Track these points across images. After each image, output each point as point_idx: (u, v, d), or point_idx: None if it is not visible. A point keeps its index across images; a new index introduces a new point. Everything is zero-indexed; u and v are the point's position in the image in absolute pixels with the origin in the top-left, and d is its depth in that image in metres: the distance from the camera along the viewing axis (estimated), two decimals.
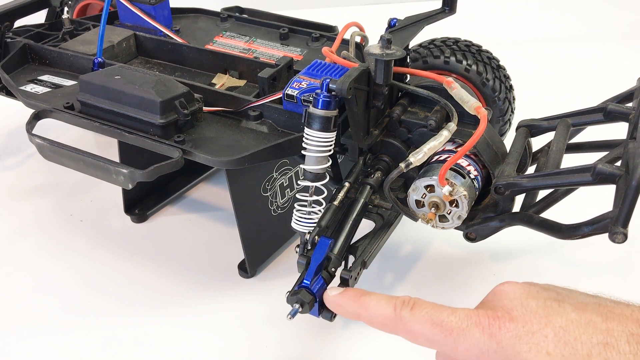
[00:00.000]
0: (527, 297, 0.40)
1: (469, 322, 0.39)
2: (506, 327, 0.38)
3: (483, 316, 0.39)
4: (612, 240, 0.51)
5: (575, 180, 0.55)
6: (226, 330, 0.69)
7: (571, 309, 0.38)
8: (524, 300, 0.40)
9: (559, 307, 0.39)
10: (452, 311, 0.41)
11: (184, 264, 0.79)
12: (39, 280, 0.77)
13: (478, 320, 0.39)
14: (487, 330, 0.38)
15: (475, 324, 0.39)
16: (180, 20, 0.99)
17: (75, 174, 0.78)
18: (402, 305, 0.43)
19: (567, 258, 0.77)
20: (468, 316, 0.40)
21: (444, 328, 0.40)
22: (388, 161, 0.65)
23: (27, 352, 0.67)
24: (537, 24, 1.46)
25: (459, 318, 0.40)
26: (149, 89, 0.67)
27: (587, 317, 0.37)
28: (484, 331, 0.39)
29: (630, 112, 0.63)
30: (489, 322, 0.39)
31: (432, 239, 0.81)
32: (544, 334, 0.37)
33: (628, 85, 0.69)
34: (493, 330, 0.38)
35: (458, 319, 0.40)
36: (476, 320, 0.39)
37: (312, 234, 0.56)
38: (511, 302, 0.40)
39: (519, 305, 0.39)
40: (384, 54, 0.59)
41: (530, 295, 0.40)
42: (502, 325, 0.38)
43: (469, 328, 0.39)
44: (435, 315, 0.41)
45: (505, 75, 0.85)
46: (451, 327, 0.40)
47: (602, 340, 0.36)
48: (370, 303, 0.46)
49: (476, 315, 0.40)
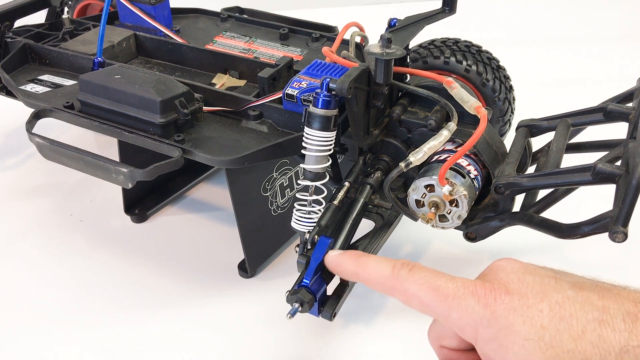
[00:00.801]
0: (524, 272, 0.40)
1: (465, 290, 0.39)
2: (502, 299, 0.38)
3: (480, 286, 0.39)
4: (612, 239, 0.51)
5: (575, 179, 0.55)
6: (226, 330, 0.69)
7: (568, 286, 0.38)
8: (521, 275, 0.40)
9: (556, 283, 0.39)
10: (450, 278, 0.41)
11: (184, 264, 0.79)
12: (39, 280, 0.77)
13: (474, 290, 0.39)
14: (483, 300, 0.38)
15: (472, 293, 0.39)
16: (180, 20, 0.99)
17: (75, 174, 0.78)
18: (400, 266, 0.43)
19: (567, 258, 0.77)
20: (465, 285, 0.40)
21: (440, 293, 0.40)
22: (388, 161, 0.65)
23: (27, 352, 0.67)
24: (537, 24, 1.46)
25: (456, 285, 0.40)
26: (149, 88, 0.67)
27: (583, 294, 0.37)
28: (479, 301, 0.39)
29: (630, 112, 0.63)
30: (485, 293, 0.39)
31: (432, 239, 0.81)
32: (539, 308, 0.37)
33: (628, 85, 0.69)
34: (488, 300, 0.38)
35: (455, 286, 0.40)
36: (473, 289, 0.39)
37: (312, 234, 0.56)
38: (508, 276, 0.40)
39: (516, 279, 0.39)
40: (384, 54, 0.59)
41: (528, 271, 0.40)
42: (497, 296, 0.38)
43: (464, 296, 0.39)
44: (433, 280, 0.41)
45: (505, 76, 0.85)
46: (447, 293, 0.40)
47: (597, 317, 0.36)
48: (369, 262, 0.46)
49: (473, 285, 0.40)
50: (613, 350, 0.35)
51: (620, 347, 0.35)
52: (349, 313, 0.70)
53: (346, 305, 0.58)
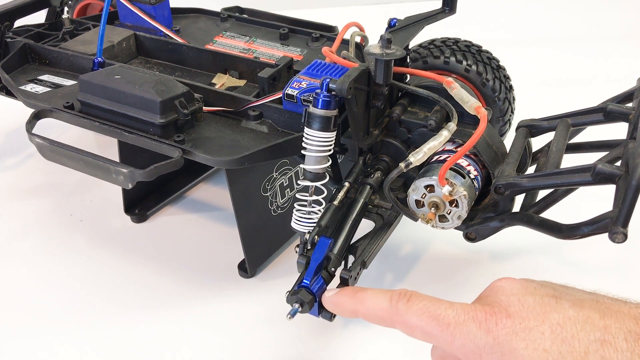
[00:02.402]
0: (524, 294, 0.40)
1: (465, 316, 0.39)
2: (503, 323, 0.38)
3: (480, 311, 0.39)
4: (612, 240, 0.51)
5: (575, 180, 0.55)
6: (226, 330, 0.69)
7: (568, 305, 0.38)
8: (521, 297, 0.39)
9: (556, 303, 0.38)
10: (449, 305, 0.41)
11: (184, 264, 0.79)
12: (39, 280, 0.77)
13: (475, 315, 0.39)
14: (484, 326, 0.38)
15: (472, 319, 0.39)
16: (180, 20, 0.99)
17: (75, 174, 0.78)
18: (398, 297, 0.43)
19: (567, 258, 0.77)
20: (465, 311, 0.40)
21: (441, 321, 0.40)
22: (388, 161, 0.65)
23: (27, 352, 0.67)
24: (537, 24, 1.46)
25: (456, 312, 0.40)
26: (149, 88, 0.67)
27: (584, 314, 0.37)
28: (481, 326, 0.38)
29: (630, 112, 0.63)
30: (486, 318, 0.39)
31: (432, 239, 0.81)
32: (540, 330, 0.37)
33: (628, 85, 0.69)
34: (490, 325, 0.38)
35: (455, 313, 0.40)
36: (473, 315, 0.39)
37: (312, 234, 0.56)
38: (508, 298, 0.40)
39: (516, 301, 0.39)
40: (384, 54, 0.59)
41: (528, 292, 0.40)
42: (498, 321, 0.38)
43: (465, 322, 0.39)
44: (433, 308, 0.41)
45: (505, 76, 0.85)
46: (448, 321, 0.40)
47: (599, 337, 0.36)
48: (366, 297, 0.46)
49: (473, 310, 0.40)
50: None
51: None
52: None
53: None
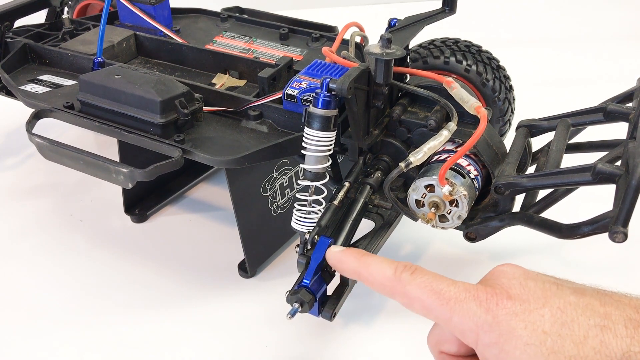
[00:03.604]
0: (526, 278, 0.40)
1: (467, 294, 0.39)
2: (503, 304, 0.38)
3: (482, 291, 0.39)
4: (612, 239, 0.51)
5: (575, 180, 0.56)
6: (226, 330, 0.69)
7: (570, 292, 0.38)
8: (523, 280, 0.40)
9: (558, 289, 0.39)
10: (451, 282, 0.41)
11: (184, 264, 0.79)
12: (39, 280, 0.77)
13: (476, 294, 0.39)
14: (484, 305, 0.38)
15: (473, 297, 0.39)
16: (180, 20, 0.99)
17: (75, 174, 0.78)
18: (403, 268, 0.43)
19: (567, 258, 0.77)
20: (467, 289, 0.40)
21: (442, 296, 0.40)
22: (388, 161, 0.65)
23: (27, 352, 0.67)
24: (537, 24, 1.46)
25: (458, 289, 0.40)
26: (149, 88, 0.67)
27: (585, 300, 0.37)
28: (481, 305, 0.39)
29: (630, 112, 0.63)
30: (487, 297, 0.39)
31: (432, 239, 0.81)
32: (540, 313, 0.37)
33: (628, 85, 0.69)
34: (490, 305, 0.38)
35: (457, 290, 0.40)
36: (474, 293, 0.39)
37: (312, 234, 0.56)
38: (510, 281, 0.40)
39: (517, 284, 0.39)
40: (384, 54, 0.59)
41: (530, 277, 0.40)
42: (499, 301, 0.38)
43: (466, 300, 0.39)
44: (435, 283, 0.41)
45: (505, 76, 0.85)
46: (449, 297, 0.40)
47: (599, 322, 0.36)
48: (371, 262, 0.46)
49: (475, 289, 0.40)
50: (615, 356, 0.35)
51: (622, 353, 0.35)
52: (349, 313, 0.70)
53: (346, 305, 0.58)
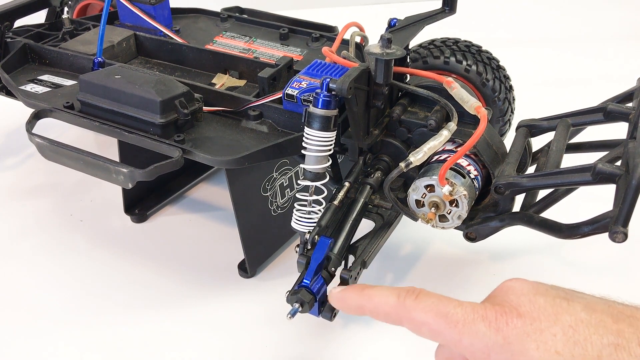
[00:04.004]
0: (535, 294, 0.39)
1: (475, 315, 0.38)
2: (514, 323, 0.37)
3: (490, 310, 0.38)
4: (612, 239, 0.51)
5: (575, 180, 0.55)
6: (226, 330, 0.69)
7: (580, 308, 0.37)
8: (532, 297, 0.39)
9: (568, 305, 0.38)
10: (458, 303, 0.40)
11: (184, 264, 0.79)
12: (39, 280, 0.77)
13: (485, 314, 0.38)
14: (494, 325, 0.38)
15: (482, 318, 0.38)
16: (180, 20, 0.99)
17: (75, 174, 0.78)
18: (406, 294, 0.42)
19: (567, 258, 0.77)
20: (474, 309, 0.39)
21: (449, 319, 0.39)
22: (388, 161, 0.65)
23: (27, 352, 0.67)
24: (537, 24, 1.46)
25: (465, 310, 0.39)
26: (149, 88, 0.67)
27: (597, 317, 0.36)
28: (491, 325, 0.38)
29: (630, 112, 0.63)
30: (496, 317, 0.38)
31: (432, 239, 0.81)
32: (552, 332, 0.36)
33: (628, 85, 0.69)
34: (500, 325, 0.37)
35: (464, 312, 0.39)
36: (483, 313, 0.38)
37: (312, 234, 0.56)
38: (519, 298, 0.39)
39: (527, 301, 0.38)
40: (384, 54, 0.59)
41: (539, 292, 0.39)
42: (509, 320, 0.37)
43: (474, 321, 0.38)
44: (441, 306, 0.40)
45: (505, 76, 0.85)
46: (457, 319, 0.39)
47: (613, 341, 0.35)
48: (373, 294, 0.45)
49: (483, 309, 0.39)
50: None
51: None
52: None
53: None
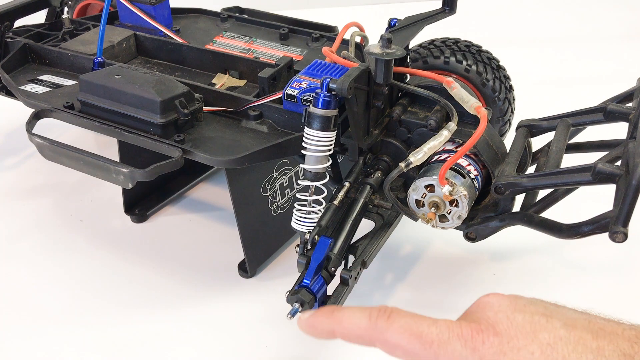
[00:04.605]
0: (513, 311, 0.37)
1: (450, 334, 0.37)
2: (490, 342, 0.36)
3: (466, 328, 0.37)
4: (612, 239, 0.51)
5: (575, 179, 0.56)
6: (226, 330, 0.69)
7: (560, 325, 0.36)
8: (510, 314, 0.37)
9: (547, 322, 0.36)
10: (432, 322, 0.38)
11: (184, 263, 0.79)
12: (39, 280, 0.77)
13: (460, 333, 0.37)
14: (470, 344, 0.36)
15: (457, 337, 0.37)
16: (180, 20, 0.99)
17: (75, 174, 0.78)
18: (377, 314, 0.40)
19: (567, 258, 0.77)
20: (450, 328, 0.37)
21: (424, 340, 0.37)
22: (388, 161, 0.65)
23: (27, 352, 0.67)
24: (537, 24, 1.46)
25: (440, 329, 0.37)
26: (149, 88, 0.67)
27: (576, 334, 0.35)
28: (467, 344, 0.36)
29: (630, 112, 0.63)
30: (472, 335, 0.36)
31: (432, 239, 0.81)
32: (530, 350, 0.35)
33: (628, 85, 0.69)
34: (476, 344, 0.36)
35: (439, 331, 0.37)
36: (458, 332, 0.37)
37: (312, 234, 0.56)
38: (496, 315, 0.37)
39: (504, 318, 0.37)
40: (384, 54, 0.59)
41: (517, 309, 0.38)
42: (485, 339, 0.36)
43: (450, 340, 0.37)
44: (415, 326, 0.38)
45: (505, 76, 0.85)
46: (431, 339, 0.37)
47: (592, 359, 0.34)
48: (344, 316, 0.42)
49: (458, 327, 0.37)
50: None
51: None
52: None
53: (346, 305, 0.58)
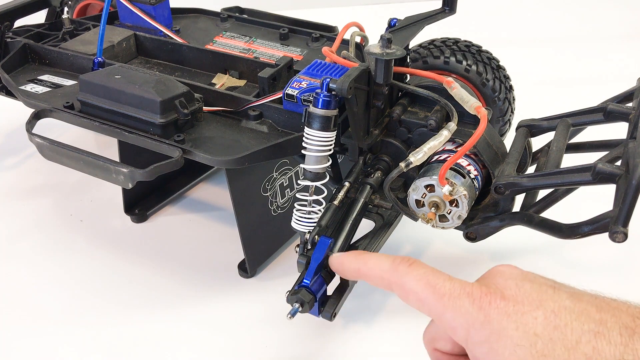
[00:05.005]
0: (522, 279, 0.40)
1: (461, 291, 0.40)
2: (496, 303, 0.38)
3: (476, 289, 0.39)
4: (612, 239, 0.51)
5: (575, 179, 0.56)
6: (226, 330, 0.69)
7: (566, 296, 0.38)
8: (519, 282, 0.39)
9: (554, 293, 0.38)
10: (448, 278, 0.41)
11: (184, 264, 0.79)
12: (39, 280, 0.77)
13: (471, 291, 0.39)
14: (477, 302, 0.38)
15: (467, 294, 0.39)
16: (180, 20, 0.99)
17: (75, 174, 0.78)
18: (400, 261, 0.44)
19: (567, 258, 0.77)
20: (462, 286, 0.40)
21: (437, 291, 0.40)
22: (388, 161, 0.65)
23: (27, 352, 0.67)
24: (537, 24, 1.46)
25: (453, 285, 0.40)
26: (149, 88, 0.67)
27: (581, 305, 0.37)
28: (474, 302, 0.39)
29: (630, 112, 0.63)
30: (481, 295, 0.39)
31: (432, 239, 0.81)
32: (533, 315, 0.37)
33: (628, 85, 0.69)
34: (483, 303, 0.38)
35: (452, 286, 0.40)
36: (469, 291, 0.39)
37: (312, 234, 0.56)
38: (506, 282, 0.40)
39: (513, 285, 0.39)
40: (384, 54, 0.59)
41: (527, 278, 0.40)
42: (492, 300, 0.38)
43: (460, 296, 0.39)
44: (432, 277, 0.41)
45: (505, 76, 0.85)
46: (443, 292, 0.40)
47: (593, 328, 0.35)
48: (370, 258, 0.46)
49: (470, 286, 0.40)
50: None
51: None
52: (349, 313, 0.70)
53: (346, 305, 0.58)
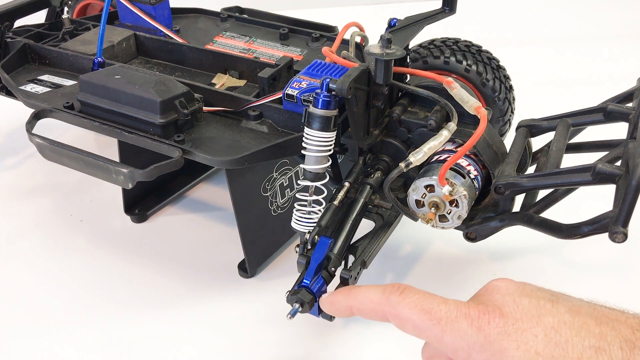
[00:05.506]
0: (520, 295, 0.39)
1: (458, 312, 0.39)
2: (495, 322, 0.38)
3: (473, 309, 0.39)
4: (612, 239, 0.51)
5: (575, 180, 0.55)
6: (226, 330, 0.69)
7: (564, 310, 0.37)
8: (517, 297, 0.39)
9: (552, 307, 0.38)
10: (442, 300, 0.40)
11: (184, 264, 0.79)
12: (39, 280, 0.77)
13: (467, 312, 0.39)
14: (476, 323, 0.38)
15: (465, 316, 0.39)
16: (180, 20, 0.99)
17: (75, 174, 0.78)
18: (391, 290, 0.43)
19: (567, 258, 0.77)
20: (458, 307, 0.39)
21: (433, 316, 0.40)
22: (388, 161, 0.65)
23: (27, 352, 0.67)
24: (537, 24, 1.46)
25: (449, 308, 0.39)
26: (149, 88, 0.67)
27: (580, 319, 0.37)
28: (472, 324, 0.38)
29: (630, 112, 0.63)
30: (479, 315, 0.38)
31: (432, 239, 0.81)
32: (534, 333, 0.36)
33: (628, 85, 0.69)
34: (482, 323, 0.38)
35: (447, 309, 0.39)
36: (466, 311, 0.39)
37: (312, 234, 0.56)
38: (503, 298, 0.39)
39: (511, 301, 0.39)
40: (384, 54, 0.59)
41: (524, 293, 0.39)
42: (491, 319, 0.38)
43: (457, 319, 0.39)
44: (425, 303, 0.41)
45: (505, 76, 0.85)
46: (440, 316, 0.39)
47: (594, 344, 0.35)
48: (360, 292, 0.45)
49: (466, 307, 0.39)
50: None
51: None
52: None
53: None
